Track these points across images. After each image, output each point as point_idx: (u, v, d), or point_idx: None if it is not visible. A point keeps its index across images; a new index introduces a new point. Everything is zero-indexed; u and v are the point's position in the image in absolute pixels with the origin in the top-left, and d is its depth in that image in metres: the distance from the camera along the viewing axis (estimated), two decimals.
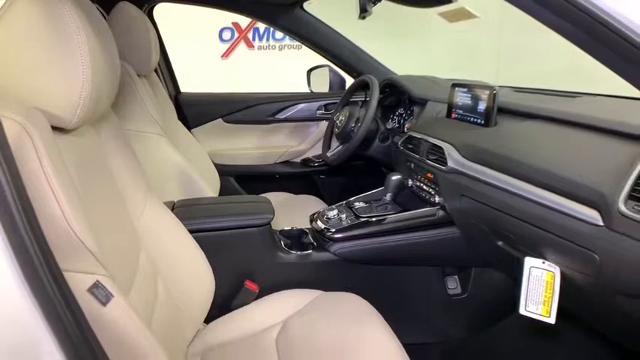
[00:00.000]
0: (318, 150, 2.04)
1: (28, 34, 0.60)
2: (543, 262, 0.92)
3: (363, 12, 1.13)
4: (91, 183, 0.73)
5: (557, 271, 0.89)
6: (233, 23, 4.17)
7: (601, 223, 0.76)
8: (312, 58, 2.01)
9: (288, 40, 4.25)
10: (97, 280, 0.58)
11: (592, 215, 0.78)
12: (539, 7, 0.53)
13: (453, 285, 1.35)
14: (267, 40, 4.30)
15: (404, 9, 1.31)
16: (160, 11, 1.93)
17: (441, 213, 1.27)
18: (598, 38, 0.55)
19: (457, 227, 1.24)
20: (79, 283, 0.56)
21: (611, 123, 0.87)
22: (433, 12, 1.28)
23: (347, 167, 1.86)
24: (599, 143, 0.87)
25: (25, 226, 0.43)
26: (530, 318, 0.93)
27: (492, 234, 1.10)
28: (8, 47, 0.49)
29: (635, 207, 0.71)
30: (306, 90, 2.05)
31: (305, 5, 1.73)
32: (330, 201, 1.78)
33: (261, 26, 4.23)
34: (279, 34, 4.24)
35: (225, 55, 4.24)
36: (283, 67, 4.02)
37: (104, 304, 0.58)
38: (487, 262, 1.24)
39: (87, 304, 0.55)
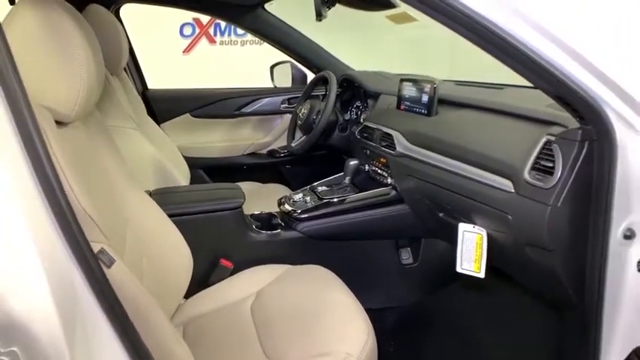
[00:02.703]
0: (282, 142, 2.18)
1: (33, 41, 0.71)
2: (474, 227, 1.11)
3: (319, 15, 1.27)
4: (86, 169, 0.84)
5: (484, 232, 1.08)
6: (194, 19, 4.20)
7: (512, 190, 0.95)
8: (273, 53, 2.13)
9: (249, 36, 4.33)
10: (102, 247, 0.70)
11: (506, 184, 0.97)
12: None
13: (406, 255, 1.54)
14: (229, 35, 4.36)
15: None
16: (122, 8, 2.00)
17: (393, 192, 1.44)
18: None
19: (406, 204, 1.42)
20: None
21: (524, 110, 1.06)
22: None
23: (310, 156, 2.01)
24: (514, 127, 1.06)
25: (61, 201, 0.54)
26: (468, 278, 1.11)
27: (434, 207, 1.28)
28: (15, 53, 0.59)
29: (536, 176, 0.90)
30: (269, 85, 2.18)
31: (266, 6, 1.85)
32: (295, 188, 1.92)
33: (223, 22, 4.29)
34: (240, 30, 4.32)
35: (187, 50, 4.28)
36: (245, 62, 4.09)
37: (108, 267, 0.70)
38: (432, 233, 1.43)
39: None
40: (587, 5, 0.71)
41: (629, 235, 0.78)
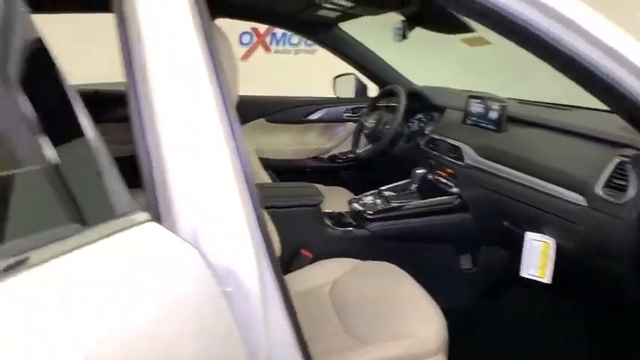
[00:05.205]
0: (343, 148, 2.33)
1: None
2: (540, 235, 1.21)
3: (402, 37, 1.42)
4: None
5: (551, 241, 1.18)
6: (252, 28, 4.43)
7: (584, 204, 1.05)
8: (324, 61, 2.29)
9: (303, 46, 4.53)
10: None
11: (577, 198, 1.07)
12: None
13: (465, 261, 1.65)
14: (284, 44, 4.57)
15: None
16: None
17: (457, 201, 1.56)
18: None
19: (470, 212, 1.53)
20: None
21: (594, 132, 1.17)
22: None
23: (369, 163, 2.15)
24: (584, 147, 1.17)
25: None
26: (526, 285, 1.21)
27: (500, 216, 1.39)
28: None
29: (608, 192, 1.00)
30: (320, 90, 2.33)
31: (340, 25, 2.02)
32: (354, 192, 2.06)
33: (279, 31, 4.50)
34: (295, 39, 4.52)
35: (244, 57, 4.51)
36: (298, 70, 4.28)
37: None
38: (494, 240, 1.53)
39: None
40: None
41: None
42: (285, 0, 1.58)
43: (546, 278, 1.19)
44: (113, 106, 1.25)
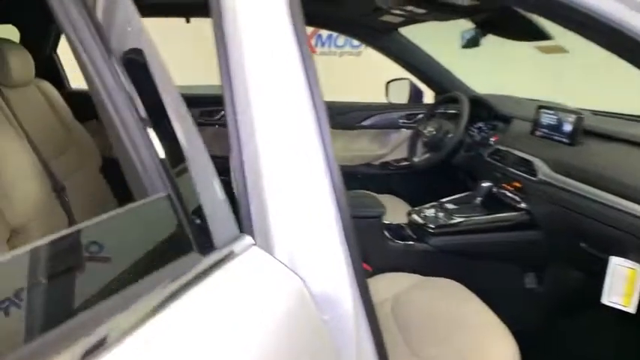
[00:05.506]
0: (396, 155, 2.28)
1: None
2: (626, 261, 1.13)
3: (474, 45, 1.36)
4: None
5: (639, 268, 1.10)
6: None
7: None
8: (369, 63, 2.23)
9: (348, 47, 4.50)
10: None
11: None
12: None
13: (530, 280, 1.56)
14: (329, 46, 4.56)
15: None
16: None
17: (525, 217, 1.48)
18: None
19: (541, 230, 1.45)
20: None
21: None
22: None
23: (424, 172, 2.08)
24: None
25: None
26: (604, 309, 1.13)
27: (577, 236, 1.30)
28: None
29: None
30: (364, 93, 2.28)
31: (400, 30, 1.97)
32: (407, 201, 2.01)
33: (324, 33, 4.49)
34: (340, 41, 4.49)
35: None
36: (343, 72, 4.25)
37: None
38: (567, 261, 1.44)
39: None
40: None
41: None
42: (350, 5, 1.55)
43: (631, 307, 1.11)
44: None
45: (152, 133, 0.47)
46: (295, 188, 0.59)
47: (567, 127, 1.44)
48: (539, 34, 1.34)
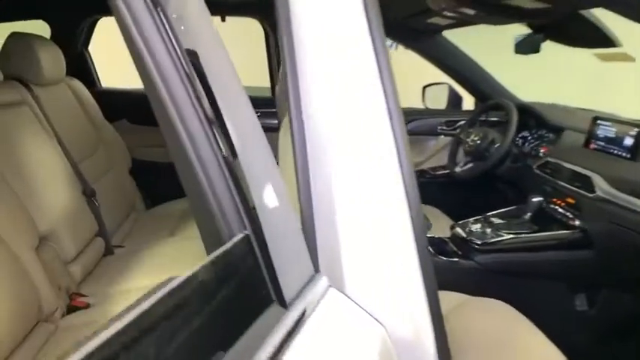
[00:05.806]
0: (432, 163, 2.19)
1: None
2: None
3: (535, 51, 1.26)
4: None
5: None
6: None
7: None
8: (401, 64, 2.13)
9: None
10: None
11: None
12: None
13: (580, 301, 1.47)
14: None
15: None
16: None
17: (578, 235, 1.38)
18: None
19: (595, 249, 1.35)
20: None
21: None
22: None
23: (464, 181, 1.99)
24: None
25: None
26: None
27: (637, 259, 1.20)
28: None
29: None
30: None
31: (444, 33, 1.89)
32: (444, 211, 1.92)
33: None
34: None
35: None
36: None
37: None
38: (621, 282, 1.35)
39: None
40: None
41: None
42: (395, 6, 1.47)
43: None
44: None
45: (230, 160, 0.41)
46: (372, 222, 0.53)
47: (628, 141, 1.34)
48: (606, 41, 1.25)
